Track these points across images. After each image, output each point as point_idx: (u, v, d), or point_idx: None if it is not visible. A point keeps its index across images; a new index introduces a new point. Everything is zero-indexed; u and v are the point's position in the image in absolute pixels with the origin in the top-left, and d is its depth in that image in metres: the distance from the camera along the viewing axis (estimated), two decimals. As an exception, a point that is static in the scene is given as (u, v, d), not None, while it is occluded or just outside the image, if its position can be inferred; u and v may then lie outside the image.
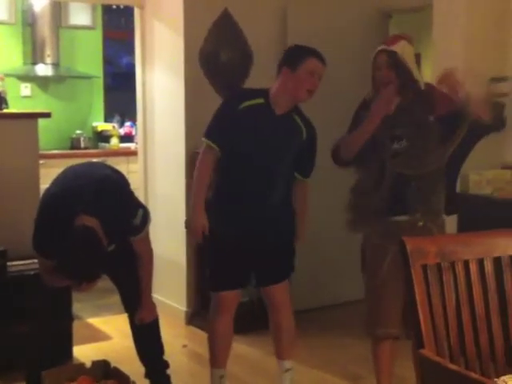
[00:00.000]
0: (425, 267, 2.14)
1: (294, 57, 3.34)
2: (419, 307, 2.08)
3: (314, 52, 3.36)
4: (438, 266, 2.17)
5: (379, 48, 3.26)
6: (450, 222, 4.03)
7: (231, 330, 3.49)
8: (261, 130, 3.33)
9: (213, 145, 3.35)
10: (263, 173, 3.34)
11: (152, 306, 3.42)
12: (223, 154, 3.36)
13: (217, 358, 3.49)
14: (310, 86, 3.30)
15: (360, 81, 5.02)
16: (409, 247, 2.15)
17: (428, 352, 2.00)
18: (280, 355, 3.53)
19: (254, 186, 3.34)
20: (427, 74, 5.01)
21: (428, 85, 3.30)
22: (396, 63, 3.20)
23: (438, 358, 1.97)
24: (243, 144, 3.33)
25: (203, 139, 3.40)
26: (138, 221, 3.23)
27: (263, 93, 3.37)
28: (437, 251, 2.19)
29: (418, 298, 2.09)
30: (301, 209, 3.52)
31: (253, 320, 4.35)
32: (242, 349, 4.27)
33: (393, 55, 3.20)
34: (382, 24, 5.31)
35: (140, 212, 3.25)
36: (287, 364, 3.53)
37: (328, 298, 5.07)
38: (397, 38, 3.32)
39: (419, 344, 2.04)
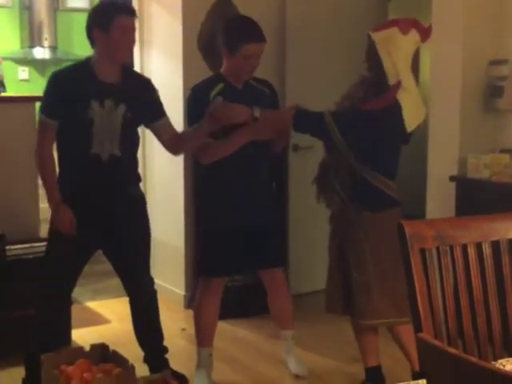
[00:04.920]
0: (423, 251, 2.14)
1: (232, 42, 3.36)
2: (417, 291, 2.09)
3: (251, 36, 3.34)
4: (437, 250, 2.17)
5: (368, 32, 3.19)
6: (449, 206, 4.04)
7: (218, 310, 3.63)
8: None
9: None
10: (248, 149, 3.36)
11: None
12: None
13: (206, 337, 3.61)
14: (249, 69, 3.39)
15: (358, 64, 5.06)
16: (407, 231, 2.14)
17: (426, 335, 2.00)
18: (284, 326, 3.77)
19: (241, 167, 3.41)
20: (426, 58, 5.01)
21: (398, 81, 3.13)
22: (371, 53, 3.13)
23: (436, 342, 1.97)
24: (224, 128, 3.34)
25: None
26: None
27: (219, 77, 3.46)
28: (435, 235, 2.18)
29: (416, 282, 2.09)
30: None
31: (249, 304, 4.36)
32: (243, 333, 4.29)
33: (371, 44, 3.13)
34: (380, 7, 5.29)
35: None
36: (290, 332, 3.77)
37: (321, 283, 5.07)
38: (388, 25, 3.20)
39: (418, 327, 2.05)
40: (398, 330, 3.26)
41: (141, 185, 3.49)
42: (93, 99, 3.16)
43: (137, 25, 5.03)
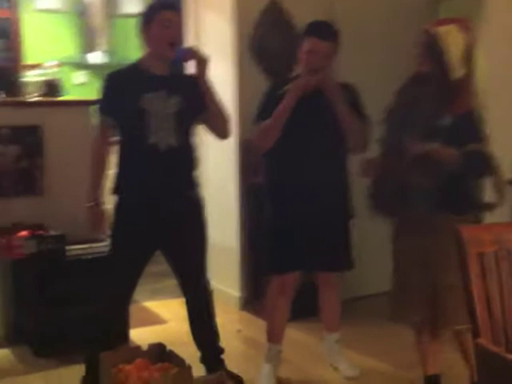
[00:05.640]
0: (481, 256, 2.14)
1: (301, 37, 3.51)
2: (475, 296, 2.09)
3: (313, 31, 3.45)
4: (495, 255, 2.16)
5: (423, 26, 3.20)
6: (507, 210, 3.98)
7: (289, 309, 3.71)
8: (304, 105, 3.42)
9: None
10: (318, 144, 3.44)
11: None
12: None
13: (277, 334, 3.70)
14: (310, 65, 3.42)
15: (409, 67, 5.01)
16: (465, 235, 2.15)
17: (484, 341, 2.00)
18: (330, 328, 3.83)
19: (306, 160, 3.46)
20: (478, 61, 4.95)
21: (463, 77, 3.13)
22: (432, 46, 3.11)
23: (494, 348, 1.97)
24: (291, 123, 3.43)
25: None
26: None
27: (295, 77, 3.55)
28: (493, 239, 2.18)
29: (473, 286, 2.09)
30: None
31: (303, 306, 4.38)
32: (296, 335, 4.31)
33: (432, 37, 3.12)
34: (431, 9, 5.25)
35: None
36: (336, 336, 3.84)
37: (373, 287, 5.06)
38: (446, 21, 3.21)
39: (475, 333, 2.05)
40: (467, 336, 3.22)
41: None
42: (145, 91, 3.25)
43: (190, 25, 5.16)
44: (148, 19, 3.30)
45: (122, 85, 3.33)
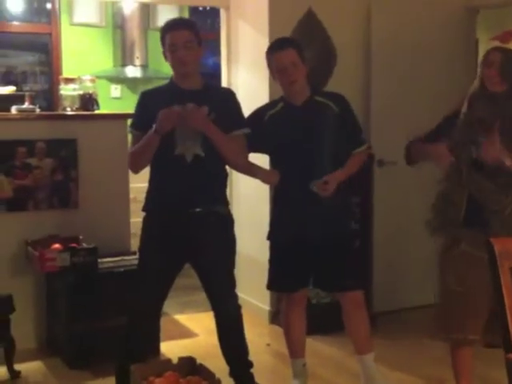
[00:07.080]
0: (514, 269, 2.09)
1: (267, 61, 3.49)
2: (507, 310, 2.04)
3: (272, 47, 3.46)
4: (528, 269, 2.11)
5: (493, 45, 3.11)
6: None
7: (304, 321, 3.64)
8: (291, 126, 3.42)
9: None
10: (308, 162, 3.41)
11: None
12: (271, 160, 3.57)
13: (297, 349, 3.64)
14: (287, 82, 3.40)
15: (447, 77, 4.98)
16: (497, 248, 2.10)
17: (516, 356, 1.95)
18: (359, 350, 3.60)
19: (299, 179, 3.39)
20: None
21: None
22: (510, 65, 3.03)
23: (526, 363, 1.92)
24: (281, 147, 3.45)
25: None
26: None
27: (281, 98, 3.52)
28: (526, 253, 2.12)
29: (506, 300, 2.04)
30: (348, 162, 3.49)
31: (334, 321, 4.34)
32: (327, 349, 4.26)
33: (508, 54, 3.04)
34: (469, 20, 5.20)
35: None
36: (368, 356, 3.57)
37: (408, 301, 5.00)
38: (506, 36, 3.13)
39: (507, 348, 2.00)
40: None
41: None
42: (175, 104, 3.28)
43: (224, 37, 5.17)
44: (162, 42, 3.37)
45: (153, 100, 3.37)
